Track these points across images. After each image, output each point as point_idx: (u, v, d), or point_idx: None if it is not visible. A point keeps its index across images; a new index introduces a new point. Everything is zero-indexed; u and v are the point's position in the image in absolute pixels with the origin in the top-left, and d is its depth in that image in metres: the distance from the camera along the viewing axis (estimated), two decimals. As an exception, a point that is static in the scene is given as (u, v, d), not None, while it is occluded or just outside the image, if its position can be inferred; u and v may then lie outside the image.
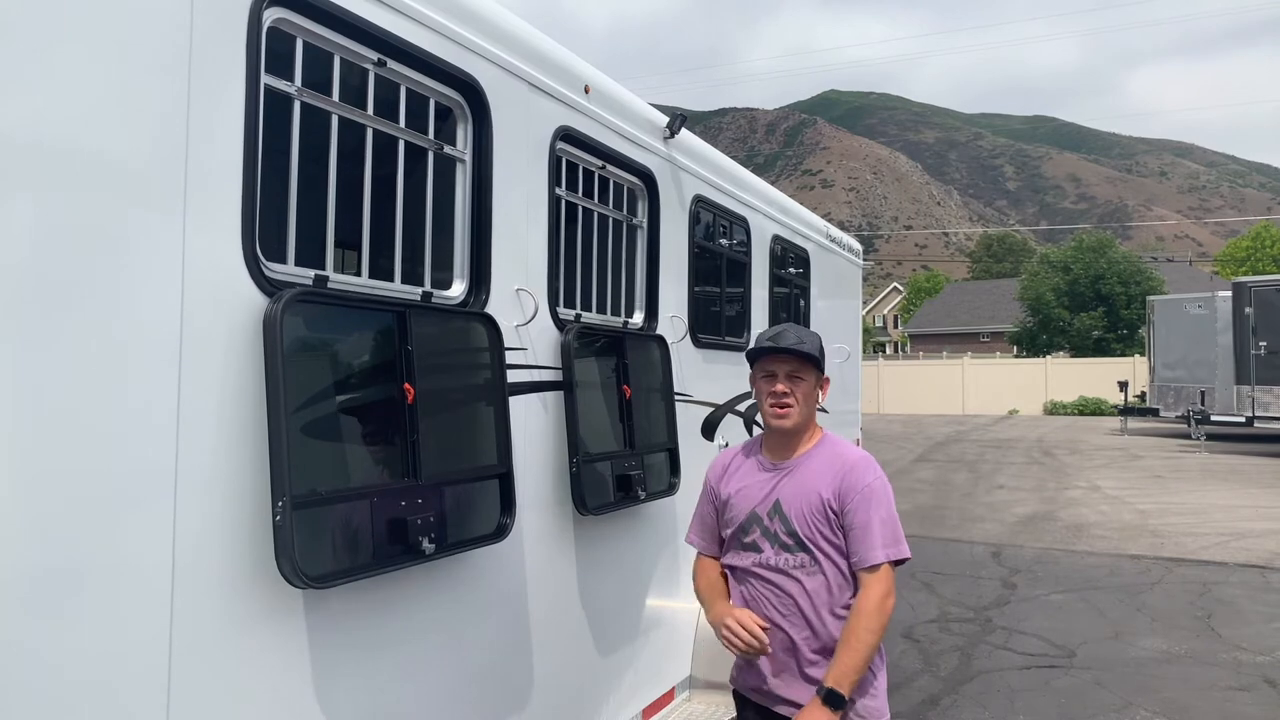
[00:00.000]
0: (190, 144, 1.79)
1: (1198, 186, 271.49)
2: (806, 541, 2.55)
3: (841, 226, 6.92)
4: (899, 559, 2.54)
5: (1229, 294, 21.52)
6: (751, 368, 2.71)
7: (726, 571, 2.75)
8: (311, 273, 2.13)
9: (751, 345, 2.70)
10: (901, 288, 78.75)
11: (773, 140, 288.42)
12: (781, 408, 2.60)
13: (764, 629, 2.54)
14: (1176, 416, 23.21)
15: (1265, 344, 19.79)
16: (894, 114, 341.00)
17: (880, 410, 33.24)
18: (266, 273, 1.96)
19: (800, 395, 2.61)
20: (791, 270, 5.65)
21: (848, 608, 2.52)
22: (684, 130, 4.01)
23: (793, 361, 2.60)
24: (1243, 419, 20.49)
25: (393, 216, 2.46)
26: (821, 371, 2.67)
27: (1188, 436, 22.04)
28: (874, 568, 2.49)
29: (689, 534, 2.90)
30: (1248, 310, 20.14)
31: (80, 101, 1.61)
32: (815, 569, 2.55)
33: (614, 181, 3.59)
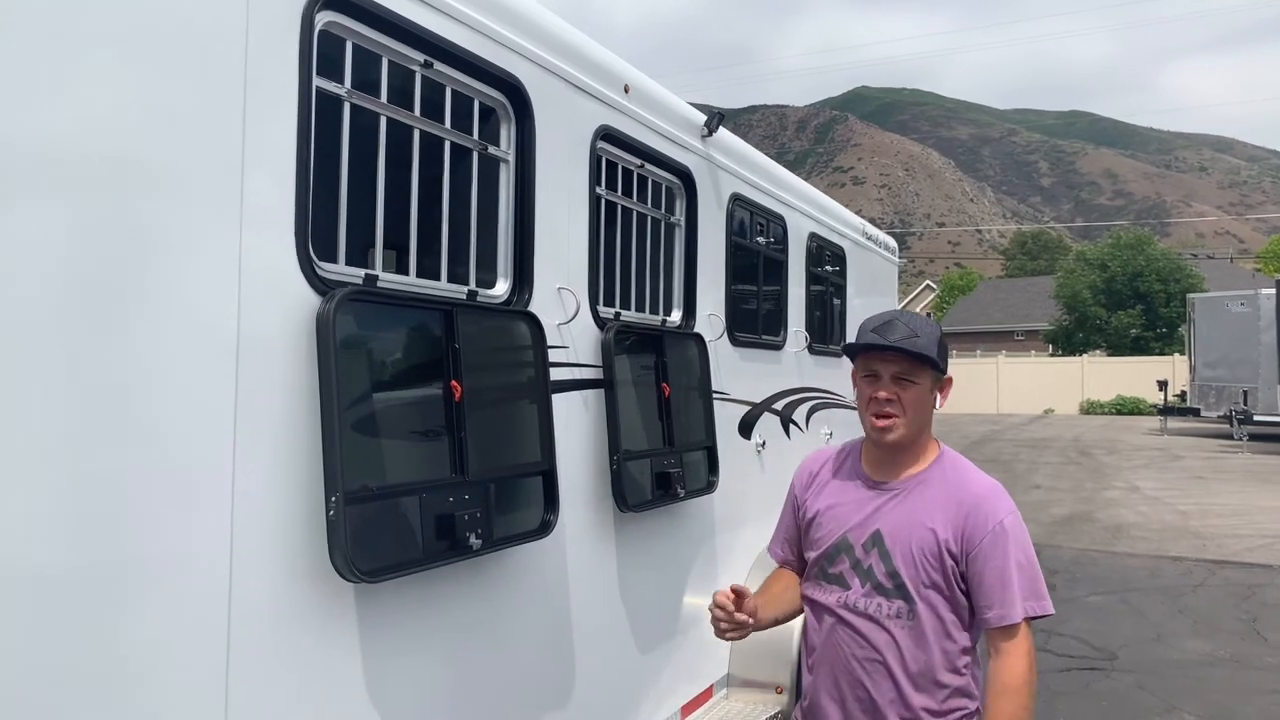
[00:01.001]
0: (246, 146, 1.83)
1: (1239, 182, 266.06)
2: (909, 585, 2.10)
3: (873, 224, 6.87)
4: (1040, 615, 2.08)
5: (1273, 291, 21.10)
6: (852, 362, 2.28)
7: (805, 605, 2.34)
8: (362, 272, 2.17)
9: (851, 338, 2.30)
10: (934, 285, 78.01)
11: (803, 137, 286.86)
12: (883, 417, 2.15)
13: (740, 599, 2.18)
14: (1218, 416, 22.79)
15: (1310, 342, 19.37)
16: (926, 110, 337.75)
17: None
18: (319, 272, 2.00)
19: (909, 403, 2.14)
20: (828, 268, 5.63)
21: (947, 680, 2.10)
22: (721, 128, 4.01)
23: (901, 361, 2.13)
24: (1286, 419, 20.07)
25: (438, 216, 2.49)
26: (941, 371, 2.20)
27: (1229, 437, 21.63)
28: (1012, 629, 2.06)
29: (770, 545, 2.54)
30: (1292, 308, 19.72)
31: (143, 107, 1.65)
32: (912, 621, 2.11)
33: (652, 180, 3.60)
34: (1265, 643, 6.71)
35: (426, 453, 2.23)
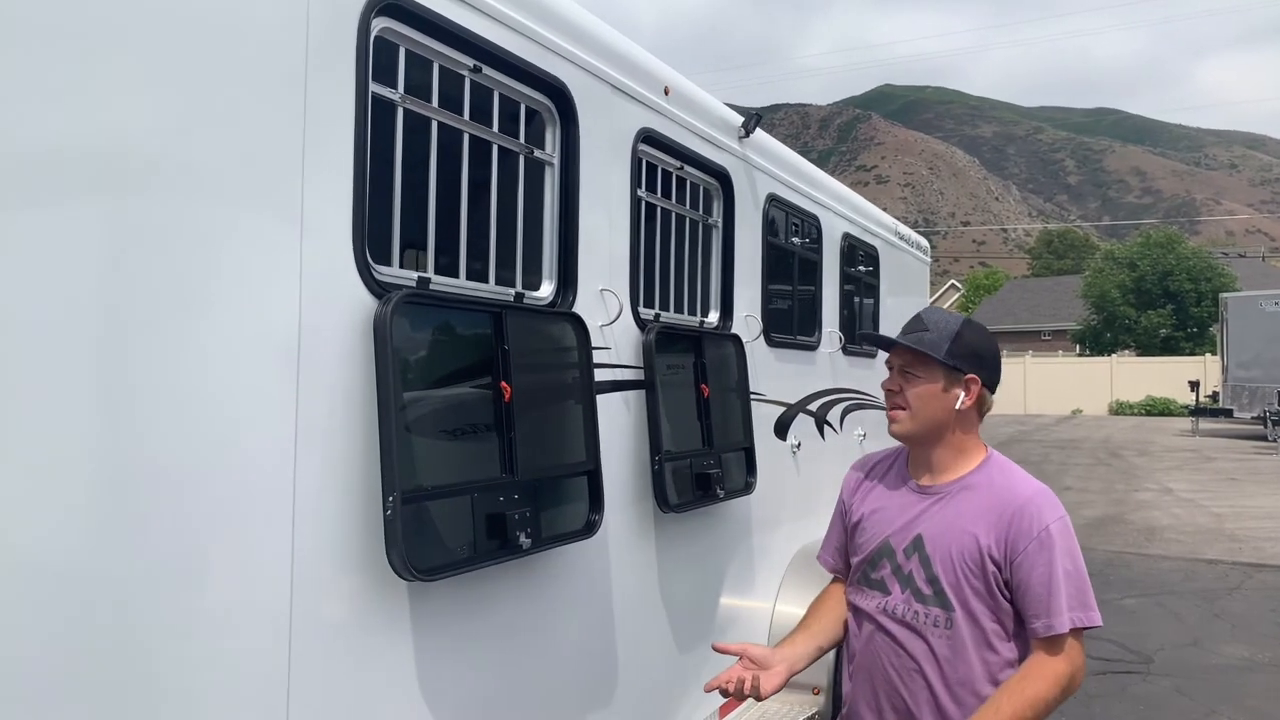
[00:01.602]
0: (306, 151, 1.86)
1: (1270, 179, 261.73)
2: (948, 592, 2.06)
3: (898, 223, 6.84)
4: (1087, 626, 2.00)
5: (1308, 290, 20.75)
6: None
7: (848, 610, 2.30)
8: (414, 275, 2.20)
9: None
10: (959, 285, 77.41)
11: (826, 136, 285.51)
12: (890, 409, 2.20)
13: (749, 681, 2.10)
14: (1252, 417, 22.48)
15: (1347, 342, 19.04)
16: (950, 108, 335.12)
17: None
18: (376, 275, 2.03)
19: (913, 397, 2.14)
20: (861, 268, 5.62)
21: (988, 693, 2.02)
22: (758, 129, 4.02)
23: (904, 355, 2.17)
24: (1322, 420, 19.75)
25: (486, 219, 2.52)
26: (958, 370, 2.13)
27: (1263, 438, 21.32)
28: (1059, 640, 1.98)
29: (820, 553, 2.49)
30: (1328, 307, 19.40)
31: (209, 113, 1.69)
32: (950, 630, 2.06)
33: (690, 181, 3.62)
34: (1305, 647, 6.62)
35: (478, 452, 2.25)
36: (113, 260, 1.54)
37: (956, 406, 2.14)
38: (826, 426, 4.92)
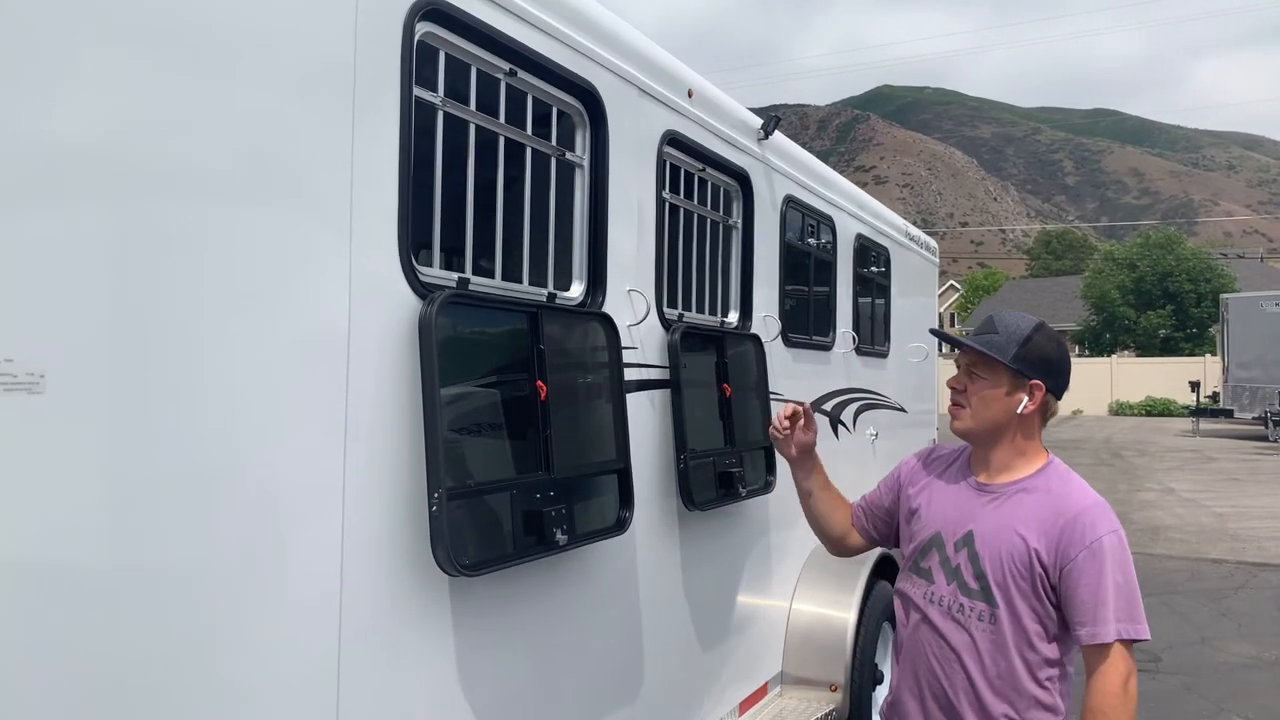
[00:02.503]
0: (355, 155, 1.90)
1: (1268, 180, 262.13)
2: (994, 589, 2.11)
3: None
4: (1134, 639, 2.02)
5: (1308, 291, 20.82)
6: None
7: (896, 597, 2.39)
8: (455, 275, 2.23)
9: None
10: (958, 285, 77.47)
11: (825, 137, 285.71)
12: (953, 405, 2.26)
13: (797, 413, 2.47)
14: (1253, 418, 22.55)
15: (1347, 343, 19.11)
16: (948, 109, 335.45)
17: (940, 409, 32.76)
18: (420, 277, 2.06)
19: (974, 395, 2.20)
20: (874, 269, 5.65)
21: (1029, 690, 2.08)
22: (776, 131, 4.06)
23: (971, 355, 2.22)
24: (1323, 420, 19.82)
25: (520, 220, 2.55)
26: (1024, 375, 2.17)
27: (1264, 438, 21.38)
28: (1104, 649, 2.00)
29: (855, 504, 2.62)
30: (1329, 308, 19.47)
31: (262, 120, 1.72)
32: (994, 625, 2.10)
33: (711, 183, 3.65)
34: (1312, 646, 6.66)
35: (516, 450, 2.29)
36: (169, 263, 1.57)
37: (1019, 410, 2.18)
38: (841, 426, 4.96)
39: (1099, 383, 34.78)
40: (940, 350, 8.19)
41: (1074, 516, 2.09)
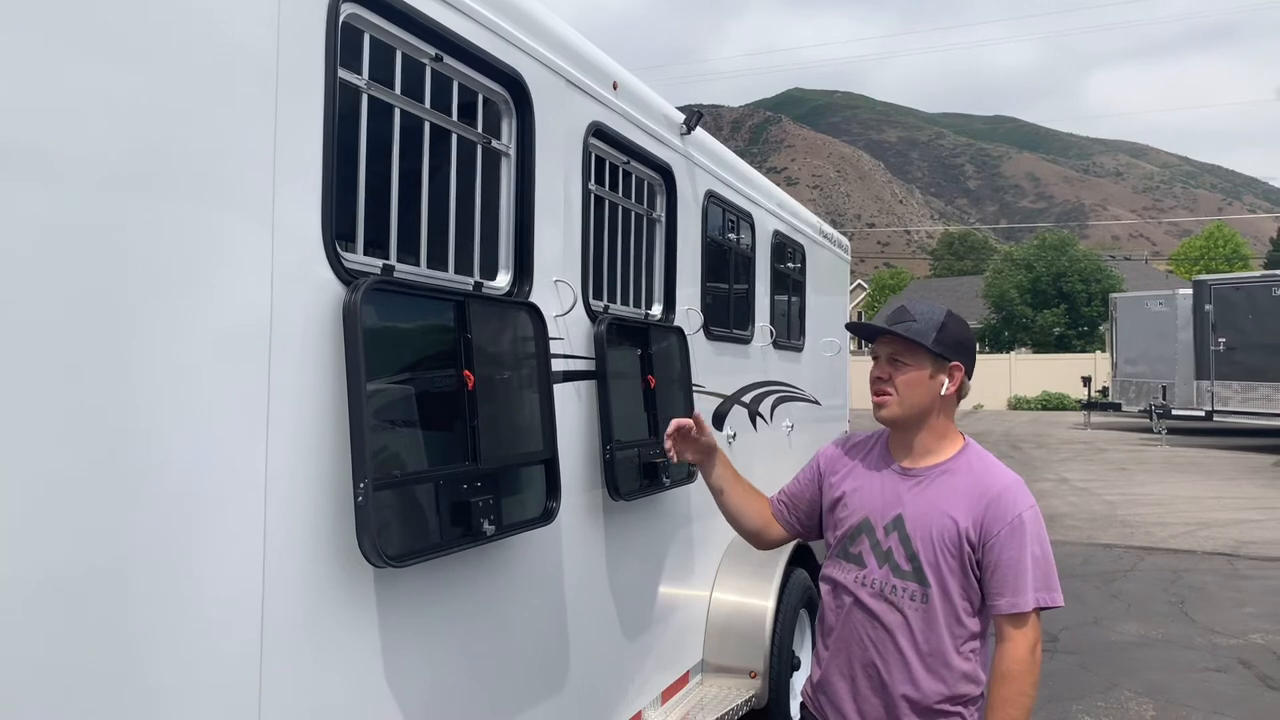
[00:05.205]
0: (278, 134, 1.84)
1: (1152, 187, 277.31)
2: (926, 569, 2.19)
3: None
4: (1050, 606, 2.15)
5: (1189, 292, 22.13)
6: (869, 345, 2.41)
7: (823, 583, 2.41)
8: (380, 262, 2.19)
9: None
10: (866, 285, 79.59)
11: (738, 137, 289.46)
12: (877, 394, 2.29)
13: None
14: (1138, 411, 23.81)
15: (1224, 340, 20.37)
16: (857, 113, 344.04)
17: (852, 404, 33.62)
18: (345, 263, 2.02)
19: (901, 383, 2.24)
20: (790, 265, 5.77)
21: (956, 664, 2.18)
22: (698, 127, 4.10)
23: (893, 343, 2.26)
24: (1202, 413, 21.10)
25: (446, 208, 2.52)
26: (943, 359, 2.24)
27: (1149, 430, 22.61)
28: (1021, 617, 2.13)
29: (774, 495, 2.63)
30: (1207, 307, 20.73)
31: (177, 104, 1.65)
32: (925, 604, 2.19)
33: (636, 176, 3.67)
34: (1194, 624, 7.09)
35: (443, 440, 2.26)
36: (80, 257, 1.49)
37: (941, 393, 2.27)
38: (759, 418, 5.05)
39: (998, 378, 36.23)
40: (852, 347, 8.39)
41: (996, 495, 2.19)
